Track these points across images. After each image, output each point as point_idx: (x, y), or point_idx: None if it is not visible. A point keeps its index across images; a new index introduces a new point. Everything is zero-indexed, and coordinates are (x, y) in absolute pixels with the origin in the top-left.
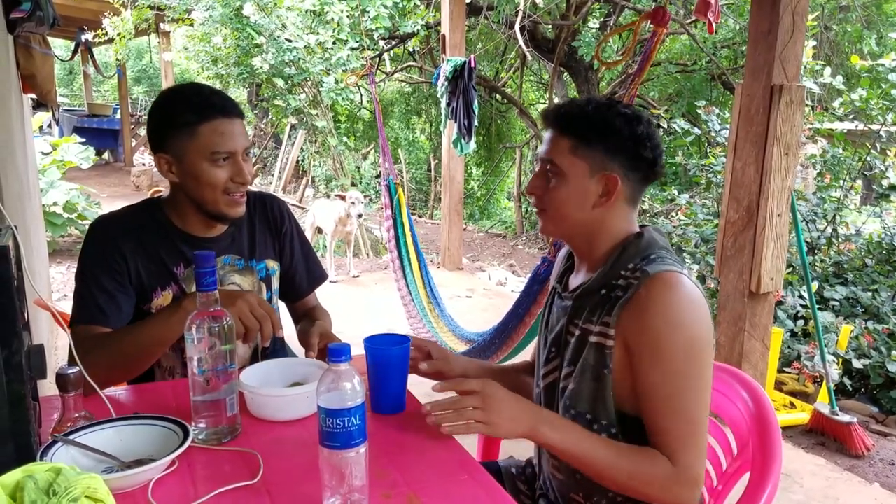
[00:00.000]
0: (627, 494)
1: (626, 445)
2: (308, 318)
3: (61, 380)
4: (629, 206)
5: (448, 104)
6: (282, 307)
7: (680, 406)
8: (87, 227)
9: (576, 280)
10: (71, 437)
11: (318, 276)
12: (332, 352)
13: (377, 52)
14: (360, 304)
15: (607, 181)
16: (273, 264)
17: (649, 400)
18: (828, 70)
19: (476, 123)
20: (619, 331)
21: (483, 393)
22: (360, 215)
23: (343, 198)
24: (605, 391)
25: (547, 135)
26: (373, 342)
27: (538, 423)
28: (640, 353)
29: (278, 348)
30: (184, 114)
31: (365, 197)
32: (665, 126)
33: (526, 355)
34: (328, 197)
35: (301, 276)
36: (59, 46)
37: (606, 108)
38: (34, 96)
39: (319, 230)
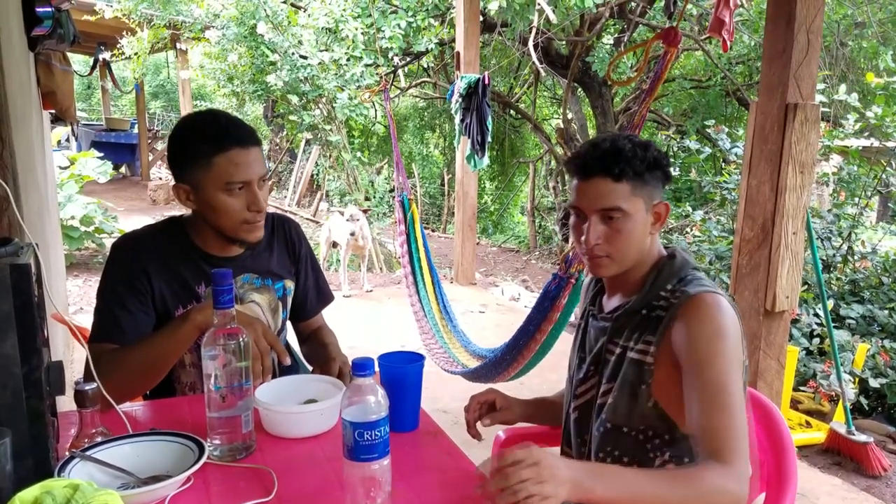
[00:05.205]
0: None
1: (672, 470)
2: (315, 337)
3: (79, 396)
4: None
5: (462, 120)
6: (287, 326)
7: (726, 402)
8: (103, 240)
9: (610, 302)
10: (88, 452)
11: (326, 297)
12: (356, 366)
13: (391, 69)
14: (372, 319)
15: (660, 210)
16: (290, 284)
17: (697, 402)
18: (842, 87)
19: (489, 139)
20: (665, 348)
21: (534, 460)
22: (352, 233)
23: (342, 213)
24: (641, 406)
25: (596, 185)
26: (387, 360)
27: (583, 479)
28: (688, 361)
29: (292, 364)
30: (198, 145)
31: (366, 213)
32: (678, 143)
33: (537, 371)
34: (342, 214)
35: (311, 297)
36: (78, 61)
37: (644, 147)
38: (53, 111)
39: (335, 244)
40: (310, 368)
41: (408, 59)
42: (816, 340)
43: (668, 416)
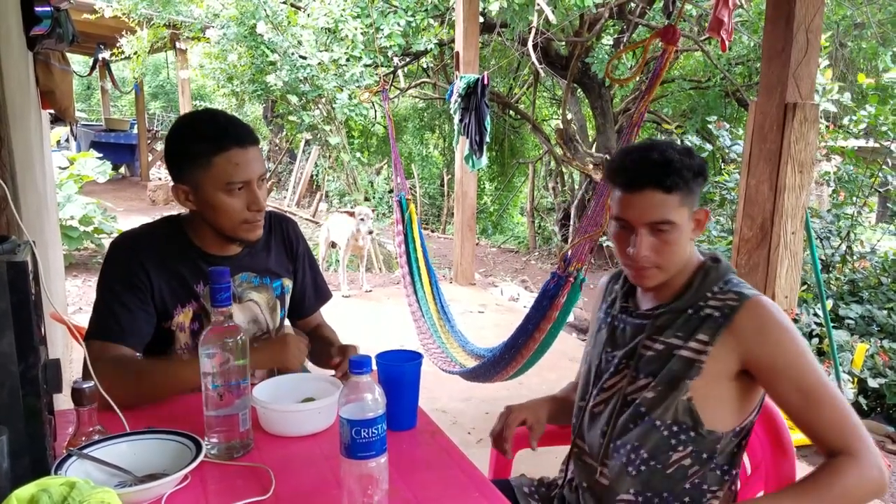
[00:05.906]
0: None
1: (810, 480)
2: (314, 334)
3: (77, 394)
4: None
5: (461, 120)
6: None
7: (829, 394)
8: (102, 240)
9: (648, 301)
10: (85, 450)
11: (325, 295)
12: (353, 364)
13: (391, 69)
14: (372, 319)
15: (700, 216)
16: (288, 283)
17: (800, 400)
18: (835, 88)
19: (488, 140)
20: (722, 348)
21: None
22: (370, 232)
23: (352, 214)
24: (676, 400)
25: (645, 197)
26: (385, 358)
27: None
28: (773, 367)
29: None
30: (198, 145)
31: (373, 211)
32: (678, 142)
33: (536, 371)
34: (351, 215)
35: (310, 294)
36: (78, 62)
37: (689, 155)
38: (52, 111)
39: (334, 244)
40: (308, 367)
41: (407, 59)
42: (815, 340)
43: (697, 411)
